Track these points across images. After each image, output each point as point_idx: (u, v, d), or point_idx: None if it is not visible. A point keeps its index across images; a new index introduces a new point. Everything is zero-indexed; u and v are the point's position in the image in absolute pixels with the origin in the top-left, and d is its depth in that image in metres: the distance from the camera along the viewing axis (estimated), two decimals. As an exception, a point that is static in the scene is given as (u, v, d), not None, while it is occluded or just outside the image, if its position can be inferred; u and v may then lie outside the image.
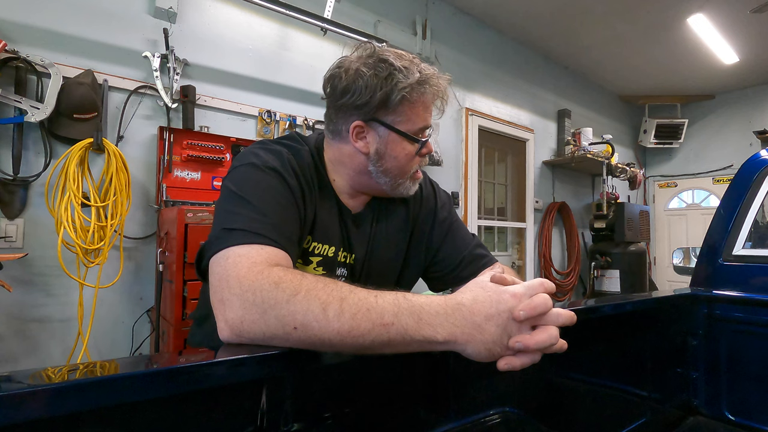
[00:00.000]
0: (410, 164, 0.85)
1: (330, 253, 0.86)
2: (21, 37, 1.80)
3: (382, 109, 0.80)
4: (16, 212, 1.79)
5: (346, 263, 0.89)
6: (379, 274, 0.93)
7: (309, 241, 0.84)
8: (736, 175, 1.40)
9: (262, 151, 0.79)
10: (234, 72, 2.39)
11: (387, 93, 0.78)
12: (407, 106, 0.80)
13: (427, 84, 0.80)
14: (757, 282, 1.24)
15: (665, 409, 1.25)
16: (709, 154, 5.43)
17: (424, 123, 0.83)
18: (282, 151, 0.81)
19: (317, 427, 0.61)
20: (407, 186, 0.87)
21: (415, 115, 0.81)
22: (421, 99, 0.81)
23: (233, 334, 0.57)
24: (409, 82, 0.78)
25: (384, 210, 0.94)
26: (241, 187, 0.72)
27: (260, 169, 0.75)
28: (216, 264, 0.63)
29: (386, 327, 0.53)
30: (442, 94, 0.84)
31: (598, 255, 4.19)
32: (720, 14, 3.60)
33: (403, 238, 0.96)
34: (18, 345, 1.79)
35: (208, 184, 2.19)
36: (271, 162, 0.77)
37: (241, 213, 0.68)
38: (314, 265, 0.85)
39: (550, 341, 0.54)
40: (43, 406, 0.38)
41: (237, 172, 0.76)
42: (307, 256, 0.84)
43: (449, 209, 1.02)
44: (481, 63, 3.78)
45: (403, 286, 0.98)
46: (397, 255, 0.95)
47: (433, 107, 0.85)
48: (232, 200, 0.71)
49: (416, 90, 0.79)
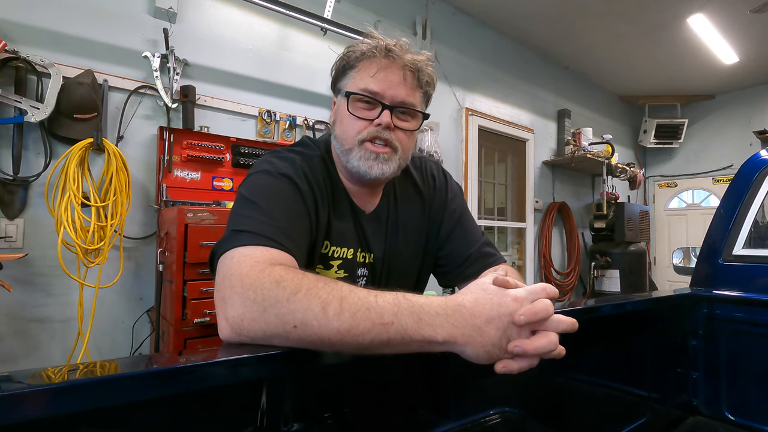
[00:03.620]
0: (352, 126, 0.82)
1: (349, 255, 0.87)
2: (21, 37, 1.80)
3: (340, 79, 0.85)
4: (16, 212, 1.79)
5: (365, 263, 0.90)
6: (400, 270, 0.93)
7: (327, 246, 0.85)
8: (736, 175, 1.40)
9: (276, 159, 0.81)
10: (234, 72, 2.39)
11: (343, 62, 0.84)
12: (354, 70, 0.83)
13: (376, 48, 0.81)
14: (757, 282, 1.24)
15: (665, 409, 1.25)
16: (709, 154, 5.43)
17: (365, 84, 0.81)
18: (295, 158, 0.82)
19: (317, 427, 0.61)
20: (357, 155, 0.81)
21: (359, 76, 0.82)
22: (368, 63, 0.81)
23: (233, 332, 0.57)
24: (362, 48, 0.81)
25: (399, 204, 0.94)
26: (253, 193, 0.74)
27: (273, 176, 0.77)
28: (221, 263, 0.64)
29: (386, 326, 0.53)
30: (397, 58, 0.81)
31: (598, 255, 4.19)
32: (720, 14, 3.60)
33: (421, 233, 0.95)
34: (18, 345, 1.79)
35: (208, 184, 2.19)
36: (284, 169, 0.78)
37: (250, 216, 0.69)
38: (335, 269, 0.86)
39: (549, 347, 0.54)
40: (43, 406, 0.38)
41: (250, 179, 0.78)
42: (327, 260, 0.85)
43: (460, 201, 1.01)
44: (481, 63, 3.78)
45: (422, 280, 0.99)
46: (417, 250, 0.95)
47: (391, 76, 0.80)
48: (243, 205, 0.73)
49: (366, 53, 0.81)
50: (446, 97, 3.47)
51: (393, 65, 0.81)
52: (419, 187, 0.97)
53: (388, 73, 0.81)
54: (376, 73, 0.80)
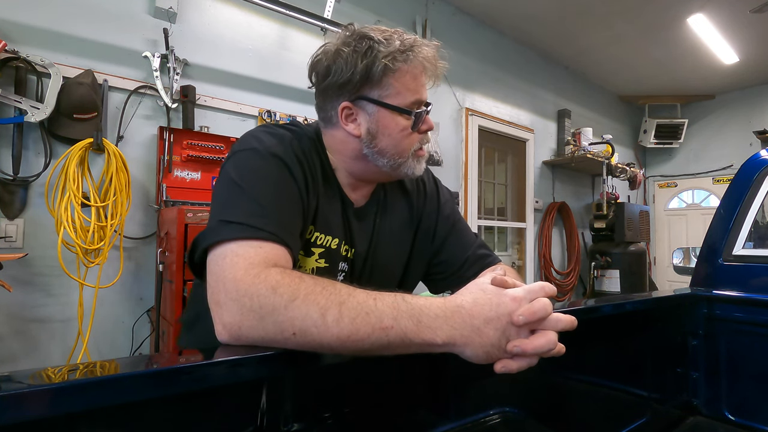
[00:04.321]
0: (408, 141, 0.79)
1: (333, 244, 0.82)
2: (21, 37, 1.80)
3: (366, 84, 0.75)
4: (16, 212, 1.79)
5: (346, 257, 0.86)
6: (383, 271, 0.90)
7: (311, 231, 0.79)
8: (736, 175, 1.40)
9: (264, 135, 0.75)
10: (234, 72, 2.39)
11: (368, 65, 0.73)
12: (392, 77, 0.75)
13: (411, 51, 0.75)
14: (758, 282, 1.24)
15: (665, 410, 1.24)
16: (709, 154, 5.43)
17: (416, 95, 0.77)
18: (285, 135, 0.77)
19: (317, 427, 0.61)
20: (410, 165, 0.81)
21: (403, 86, 0.75)
22: (406, 68, 0.75)
23: (232, 338, 0.56)
24: (390, 50, 0.73)
25: (388, 205, 0.91)
26: (241, 175, 0.68)
27: (262, 156, 0.71)
28: (213, 262, 0.61)
29: (385, 330, 0.52)
30: (430, 61, 0.77)
31: (598, 255, 4.19)
32: (720, 14, 3.60)
33: (407, 235, 0.92)
34: (18, 345, 1.79)
35: (208, 184, 2.19)
36: (274, 148, 0.73)
37: (240, 204, 0.65)
38: (316, 257, 0.80)
39: (548, 346, 0.54)
40: (43, 406, 0.38)
41: (238, 157, 0.72)
42: (309, 247, 0.79)
43: (452, 207, 0.99)
44: (481, 63, 3.78)
45: (407, 284, 0.95)
46: (402, 252, 0.92)
47: (424, 77, 0.78)
48: (231, 189, 0.68)
49: (399, 58, 0.74)
50: (446, 97, 3.47)
51: (421, 63, 0.77)
52: (408, 191, 0.94)
53: (419, 74, 0.77)
54: (416, 78, 0.76)
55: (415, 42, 0.76)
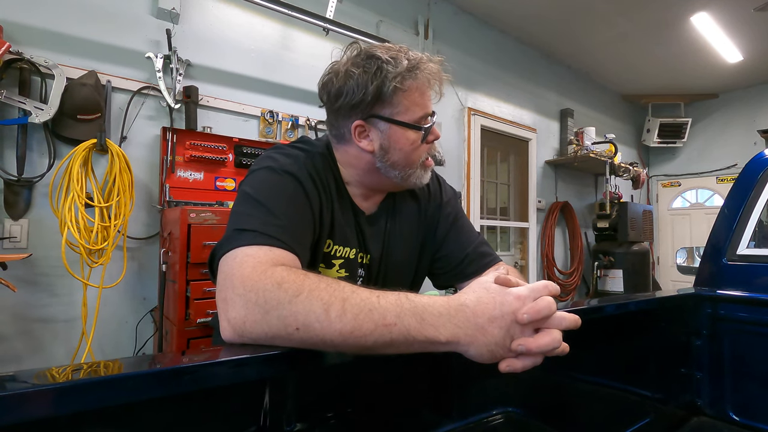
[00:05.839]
0: (417, 153, 0.85)
1: (351, 255, 0.88)
2: (25, 39, 1.81)
3: (378, 103, 0.80)
4: (21, 213, 1.80)
5: (363, 264, 0.91)
6: (396, 272, 0.94)
7: (330, 244, 0.85)
8: (740, 174, 1.39)
9: (279, 156, 0.80)
10: (236, 72, 2.39)
11: (378, 86, 0.78)
12: (401, 95, 0.80)
13: (417, 69, 0.80)
14: (762, 282, 1.24)
15: (669, 410, 1.24)
16: (713, 153, 5.40)
17: (424, 110, 0.83)
18: (299, 155, 0.82)
19: (320, 427, 0.61)
20: (419, 175, 0.87)
21: (412, 102, 0.81)
22: (414, 85, 0.80)
23: (236, 333, 0.57)
24: (398, 71, 0.78)
25: (397, 209, 0.95)
26: (256, 190, 0.73)
27: (276, 173, 0.76)
28: (223, 263, 0.63)
29: (389, 327, 0.52)
30: (435, 77, 0.83)
31: (601, 255, 4.18)
32: (723, 12, 3.58)
33: (416, 236, 0.97)
34: (22, 345, 1.80)
35: (211, 184, 2.19)
36: (288, 166, 0.78)
37: (254, 215, 0.69)
38: (337, 268, 0.87)
39: (552, 345, 0.54)
40: (47, 406, 0.38)
41: (253, 176, 0.77)
42: (329, 259, 0.85)
43: (454, 204, 1.02)
44: (483, 63, 3.77)
45: (418, 283, 1.00)
46: (412, 253, 0.96)
47: (430, 91, 0.84)
48: (246, 202, 0.72)
49: (407, 77, 0.79)
50: (448, 97, 3.46)
51: (428, 79, 0.82)
52: (416, 194, 0.99)
53: (426, 89, 0.82)
54: (423, 93, 0.82)
55: (421, 60, 0.81)
